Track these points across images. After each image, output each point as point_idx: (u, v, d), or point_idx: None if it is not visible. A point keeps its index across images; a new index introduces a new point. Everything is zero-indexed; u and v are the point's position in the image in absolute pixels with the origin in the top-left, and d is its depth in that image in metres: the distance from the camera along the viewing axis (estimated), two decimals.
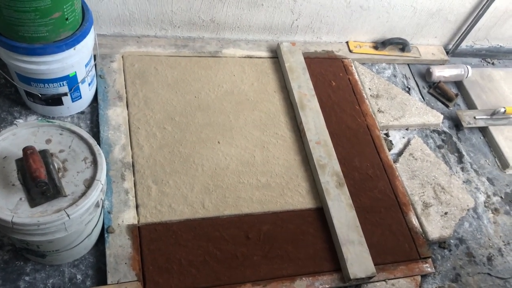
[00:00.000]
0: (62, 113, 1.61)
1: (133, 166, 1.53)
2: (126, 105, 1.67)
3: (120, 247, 1.36)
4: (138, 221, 1.43)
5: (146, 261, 1.36)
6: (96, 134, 1.59)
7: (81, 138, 1.20)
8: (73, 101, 1.58)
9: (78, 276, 1.32)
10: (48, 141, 1.18)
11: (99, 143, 1.55)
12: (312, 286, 1.43)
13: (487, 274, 1.63)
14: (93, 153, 1.19)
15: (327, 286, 1.44)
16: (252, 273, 1.41)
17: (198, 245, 1.42)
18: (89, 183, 1.14)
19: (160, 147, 1.59)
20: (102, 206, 1.33)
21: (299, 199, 1.59)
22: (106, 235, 1.37)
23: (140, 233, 1.41)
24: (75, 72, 1.47)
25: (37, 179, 1.02)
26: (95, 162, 1.17)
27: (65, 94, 1.52)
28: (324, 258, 1.49)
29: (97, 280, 1.33)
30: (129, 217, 1.42)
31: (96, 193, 1.13)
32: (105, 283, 1.30)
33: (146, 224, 1.43)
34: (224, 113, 1.74)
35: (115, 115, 1.63)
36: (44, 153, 1.12)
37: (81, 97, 1.59)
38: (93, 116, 1.65)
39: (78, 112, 1.65)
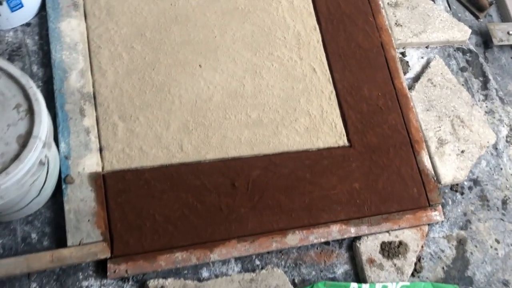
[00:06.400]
0: (0, 26, 1.27)
1: (94, 97, 1.25)
2: (84, 15, 1.32)
3: (81, 201, 1.15)
4: (103, 168, 1.19)
5: (113, 217, 1.16)
6: (47, 55, 1.28)
7: (11, 77, 0.91)
8: (12, 11, 1.24)
9: (33, 235, 1.13)
10: None
11: (50, 67, 1.25)
12: (306, 240, 1.26)
13: (499, 219, 1.47)
14: (28, 98, 0.90)
15: (322, 240, 1.27)
16: (238, 228, 1.23)
17: (175, 196, 1.21)
18: (24, 141, 0.88)
19: (128, 73, 1.29)
20: (48, 164, 1.08)
21: (295, 138, 1.34)
22: (63, 186, 1.15)
23: (105, 183, 1.18)
24: None
25: None
26: (31, 111, 0.90)
27: None
28: (322, 208, 1.30)
29: (55, 238, 1.14)
30: (91, 163, 1.18)
31: (35, 154, 0.88)
32: (65, 243, 1.11)
33: (113, 172, 1.20)
34: (207, 26, 1.40)
35: (69, 30, 1.29)
36: None
37: (22, 5, 1.25)
38: (43, 30, 1.31)
39: (23, 25, 1.30)
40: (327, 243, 1.30)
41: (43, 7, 1.32)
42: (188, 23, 1.39)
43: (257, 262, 1.24)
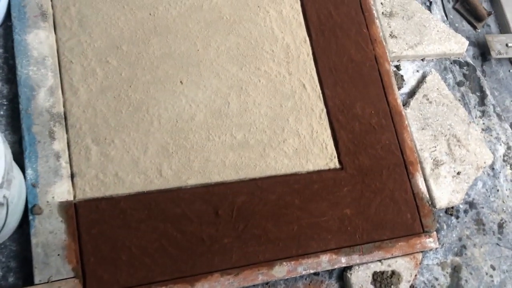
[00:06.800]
0: None
1: (65, 118, 1.15)
2: (53, 26, 1.21)
3: (50, 234, 1.05)
4: (74, 197, 1.10)
5: (86, 251, 1.07)
6: (12, 70, 1.17)
7: None
8: None
9: None
10: None
11: (16, 83, 1.14)
12: (294, 271, 1.18)
13: (495, 244, 1.41)
14: None
15: (311, 271, 1.19)
16: (222, 260, 1.14)
17: (153, 226, 1.12)
18: None
19: (102, 91, 1.19)
20: (8, 204, 0.98)
21: (284, 161, 1.26)
22: (30, 217, 1.05)
23: (77, 213, 1.09)
24: None
25: None
26: None
27: None
28: (311, 236, 1.22)
29: (23, 274, 1.04)
30: (61, 191, 1.09)
31: None
32: (32, 280, 1.02)
33: (85, 200, 1.10)
34: (189, 38, 1.30)
35: (37, 42, 1.18)
36: None
37: None
38: (8, 42, 1.20)
39: None
40: (316, 273, 1.23)
41: (8, 16, 1.20)
42: (168, 34, 1.28)
43: None
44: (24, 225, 1.07)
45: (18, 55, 1.16)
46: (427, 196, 1.36)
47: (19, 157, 1.09)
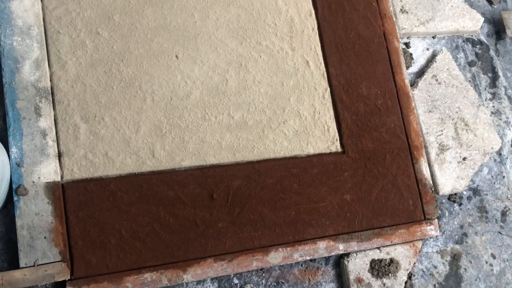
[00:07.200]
0: None
1: (52, 93, 1.08)
2: None
3: (36, 216, 1.01)
4: (62, 177, 1.05)
5: (74, 234, 1.03)
6: None
7: None
8: None
9: None
10: None
11: None
12: (290, 258, 1.15)
13: (497, 232, 1.37)
14: None
15: (308, 257, 1.16)
16: (216, 245, 1.11)
17: (144, 209, 1.08)
18: None
19: (92, 65, 1.11)
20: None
21: (283, 143, 1.20)
22: (15, 198, 1.00)
23: (65, 194, 1.04)
24: None
25: None
26: None
27: None
28: (308, 222, 1.18)
29: (7, 257, 1.01)
30: (48, 171, 1.03)
31: None
32: (18, 263, 0.98)
33: (73, 181, 1.05)
34: (186, 9, 1.22)
35: (22, 10, 1.10)
36: None
37: None
38: None
39: None
40: (312, 259, 1.19)
41: None
42: (163, 4, 1.20)
43: (236, 281, 1.14)
44: (8, 206, 1.03)
45: (1, 23, 1.08)
46: (431, 182, 1.31)
47: (3, 134, 1.04)
